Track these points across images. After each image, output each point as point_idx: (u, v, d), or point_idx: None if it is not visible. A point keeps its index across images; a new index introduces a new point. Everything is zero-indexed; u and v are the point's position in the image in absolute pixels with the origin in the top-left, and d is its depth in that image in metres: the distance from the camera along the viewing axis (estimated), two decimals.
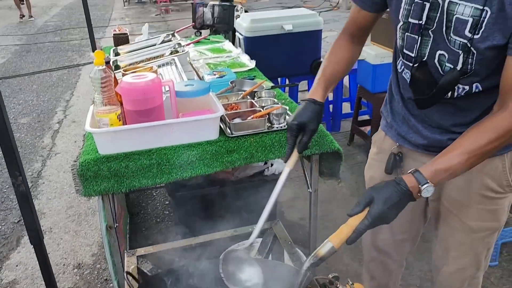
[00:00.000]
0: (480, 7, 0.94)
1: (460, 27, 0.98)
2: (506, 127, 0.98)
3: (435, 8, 1.02)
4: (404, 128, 1.27)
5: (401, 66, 1.21)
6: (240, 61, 2.62)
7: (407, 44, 1.12)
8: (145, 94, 1.52)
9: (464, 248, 1.29)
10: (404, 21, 1.10)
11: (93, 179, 1.51)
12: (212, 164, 1.62)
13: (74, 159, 3.55)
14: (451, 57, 1.03)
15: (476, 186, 1.20)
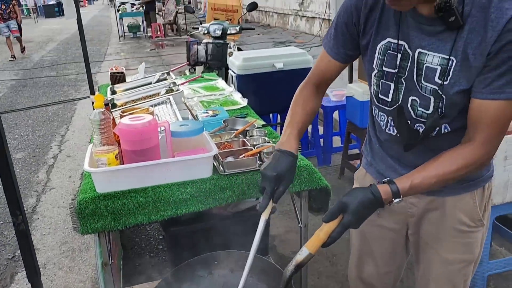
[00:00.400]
0: (446, 57, 1.05)
1: (430, 75, 1.09)
2: (473, 158, 1.09)
3: (406, 58, 1.13)
4: (383, 166, 1.36)
5: (375, 110, 1.30)
6: (233, 99, 2.73)
7: (382, 90, 1.21)
8: (142, 135, 1.59)
9: (442, 280, 1.35)
10: (378, 70, 1.20)
11: (91, 217, 1.56)
12: (206, 201, 1.68)
13: (68, 194, 3.59)
14: (423, 102, 1.13)
15: (451, 221, 1.28)
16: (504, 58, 0.98)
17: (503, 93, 1.01)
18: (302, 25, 12.62)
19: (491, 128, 1.06)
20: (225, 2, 7.78)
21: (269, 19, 15.45)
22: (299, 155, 1.84)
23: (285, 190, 1.24)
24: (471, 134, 1.10)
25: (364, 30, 1.20)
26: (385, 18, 1.15)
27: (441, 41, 1.06)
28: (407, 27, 1.11)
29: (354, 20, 1.21)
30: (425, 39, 1.08)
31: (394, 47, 1.14)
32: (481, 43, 1.00)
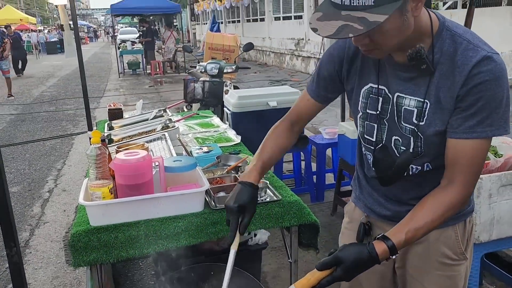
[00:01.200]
0: (421, 100, 1.13)
1: (408, 116, 1.17)
2: (457, 199, 1.14)
3: (387, 101, 1.22)
4: (370, 201, 1.41)
5: (365, 149, 1.38)
6: (227, 136, 2.80)
7: (367, 131, 1.29)
8: (136, 170, 1.65)
9: None
10: (363, 112, 1.28)
11: (83, 250, 1.59)
12: (197, 235, 1.72)
13: (62, 228, 3.59)
14: (404, 141, 1.21)
15: (435, 254, 1.32)
16: (472, 100, 1.06)
17: (475, 133, 1.08)
18: (298, 64, 12.95)
19: (469, 168, 1.12)
20: (222, 42, 8.03)
21: (266, 58, 15.84)
22: (288, 191, 1.90)
23: (249, 221, 1.30)
24: (450, 175, 1.15)
25: (347, 77, 1.30)
26: (366, 65, 1.25)
27: (416, 85, 1.15)
28: (386, 73, 1.20)
29: (337, 68, 1.31)
30: (402, 84, 1.17)
31: (375, 92, 1.23)
32: (450, 87, 1.09)
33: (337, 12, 0.99)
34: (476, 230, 2.07)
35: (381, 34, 1.03)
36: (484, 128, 1.08)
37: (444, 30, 1.12)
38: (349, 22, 0.96)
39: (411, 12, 1.03)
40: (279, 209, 1.80)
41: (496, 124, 1.08)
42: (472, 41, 1.09)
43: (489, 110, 1.07)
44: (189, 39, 26.26)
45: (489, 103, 1.06)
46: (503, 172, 2.05)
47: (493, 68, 1.05)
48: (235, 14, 19.91)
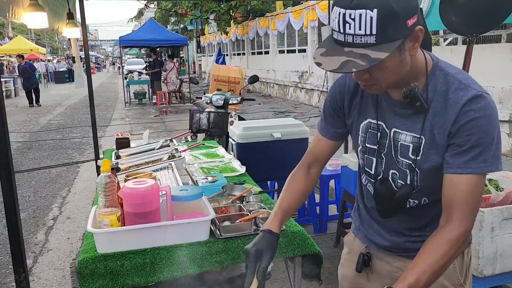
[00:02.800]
0: (417, 136, 1.18)
1: (405, 151, 1.22)
2: (456, 237, 1.14)
3: (384, 136, 1.27)
4: (370, 231, 1.44)
5: (365, 180, 1.42)
6: (232, 166, 2.85)
7: (367, 164, 1.34)
8: (144, 199, 1.69)
9: None
10: (362, 146, 1.34)
11: (90, 277, 1.61)
12: (202, 264, 1.74)
13: (66, 256, 3.60)
14: (401, 175, 1.25)
15: (434, 286, 1.33)
16: (465, 136, 1.11)
17: (470, 168, 1.12)
18: (302, 96, 13.12)
19: (465, 203, 1.13)
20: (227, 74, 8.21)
21: (270, 90, 16.07)
22: (292, 221, 1.93)
23: (267, 267, 1.30)
24: (447, 213, 1.16)
25: (348, 112, 1.36)
26: (365, 101, 1.31)
27: (412, 121, 1.20)
28: (383, 109, 1.26)
29: (339, 104, 1.37)
30: (398, 120, 1.23)
31: (374, 127, 1.29)
32: (443, 124, 1.14)
33: (340, 48, 1.05)
34: (480, 264, 2.08)
35: (380, 70, 1.09)
36: (478, 164, 1.11)
37: (437, 70, 1.18)
38: (352, 58, 1.02)
39: (408, 51, 1.09)
40: (283, 239, 1.83)
41: (490, 160, 1.12)
42: (464, 81, 1.15)
43: (482, 147, 1.11)
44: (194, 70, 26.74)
45: (482, 139, 1.11)
46: (505, 206, 2.07)
47: (484, 106, 1.11)
48: (240, 47, 20.34)
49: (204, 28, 24.72)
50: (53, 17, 2.96)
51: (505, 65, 5.73)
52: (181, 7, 18.27)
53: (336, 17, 1.04)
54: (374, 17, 0.99)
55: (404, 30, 1.04)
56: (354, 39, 1.02)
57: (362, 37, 1.01)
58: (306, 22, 11.94)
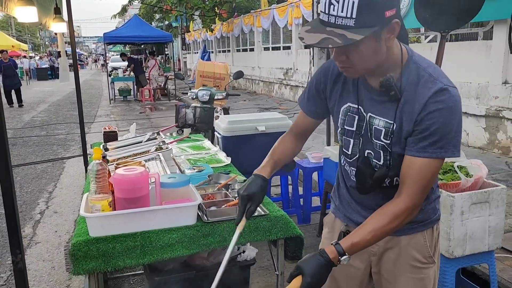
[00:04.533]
0: (390, 121, 1.32)
1: (378, 134, 1.35)
2: (401, 210, 1.29)
3: (362, 119, 1.39)
4: (349, 210, 1.56)
5: (344, 161, 1.54)
6: (218, 158, 2.95)
7: (345, 145, 1.47)
8: (134, 185, 1.78)
9: None
10: (341, 128, 1.46)
11: (83, 259, 1.70)
12: (190, 246, 1.84)
13: (54, 248, 3.65)
14: (376, 155, 1.39)
15: (406, 258, 1.47)
16: (427, 124, 1.24)
17: (426, 152, 1.25)
18: (286, 93, 13.26)
19: (415, 182, 1.28)
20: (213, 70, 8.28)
21: (255, 87, 16.17)
22: (275, 207, 2.04)
23: (256, 208, 1.50)
24: (400, 189, 1.31)
25: (330, 96, 1.49)
26: (347, 87, 1.44)
27: (386, 108, 1.33)
28: (362, 95, 1.39)
29: (322, 86, 1.50)
30: (374, 106, 1.36)
31: (353, 110, 1.41)
32: (411, 112, 1.27)
33: (322, 27, 1.18)
34: (450, 246, 2.22)
35: (356, 54, 1.21)
36: (434, 149, 1.25)
37: (411, 62, 1.30)
38: (331, 36, 1.15)
39: (384, 41, 1.22)
40: (266, 223, 1.94)
41: (446, 147, 1.25)
42: (433, 75, 1.27)
43: (440, 135, 1.23)
44: (180, 67, 26.68)
45: (441, 129, 1.23)
46: (474, 191, 2.22)
47: (447, 98, 1.23)
48: (226, 44, 20.38)
49: (189, 25, 24.68)
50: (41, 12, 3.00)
51: (481, 62, 5.93)
52: (165, 4, 18.22)
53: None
54: (355, 2, 1.11)
55: (382, 19, 1.16)
56: (336, 20, 1.15)
57: (343, 19, 1.13)
58: (291, 20, 12.06)
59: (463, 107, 1.32)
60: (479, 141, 6.10)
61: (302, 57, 12.10)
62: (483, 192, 2.22)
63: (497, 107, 5.75)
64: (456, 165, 2.26)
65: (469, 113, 6.11)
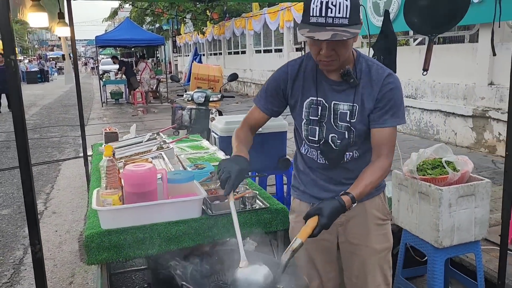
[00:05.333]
0: (352, 104, 1.63)
1: (343, 117, 1.65)
2: (385, 166, 1.63)
3: (324, 109, 1.67)
4: (315, 190, 1.78)
5: (306, 149, 1.76)
6: (217, 156, 3.06)
7: (311, 133, 1.70)
8: (143, 180, 1.89)
9: (375, 268, 1.79)
10: (306, 119, 1.69)
11: (96, 250, 1.79)
12: (196, 238, 1.94)
13: (55, 247, 3.72)
14: (339, 136, 1.67)
15: (371, 218, 1.76)
16: (386, 101, 1.59)
17: (389, 123, 1.61)
18: None
19: (388, 145, 1.63)
20: (207, 73, 8.39)
21: (247, 89, 16.30)
22: (275, 201, 2.16)
23: (240, 182, 1.67)
24: (377, 152, 1.64)
25: (291, 93, 1.72)
26: (307, 84, 1.68)
27: (346, 94, 1.63)
28: (323, 88, 1.66)
29: (282, 87, 1.73)
30: (336, 95, 1.65)
31: (315, 102, 1.67)
32: (370, 94, 1.61)
33: (322, 28, 1.42)
34: (439, 236, 2.35)
35: (344, 47, 1.50)
36: (394, 119, 1.61)
37: (360, 57, 1.65)
38: (337, 32, 1.41)
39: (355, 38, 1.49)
40: (267, 215, 2.05)
41: (401, 116, 1.62)
42: (379, 65, 1.65)
43: (395, 108, 1.60)
44: (171, 70, 26.72)
45: (395, 103, 1.60)
46: (461, 185, 2.36)
47: (395, 80, 1.61)
48: (217, 47, 20.50)
49: (180, 28, 24.74)
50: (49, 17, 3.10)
51: (468, 64, 6.13)
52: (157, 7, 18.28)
53: (317, 5, 1.41)
54: (348, 5, 1.41)
55: (359, 19, 1.47)
56: (333, 20, 1.41)
57: (340, 19, 1.41)
58: (282, 23, 12.22)
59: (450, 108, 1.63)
60: (467, 140, 6.29)
61: None
62: (469, 185, 2.36)
63: (484, 108, 5.94)
64: (444, 160, 2.40)
65: (457, 114, 6.30)
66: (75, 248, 3.73)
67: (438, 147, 2.49)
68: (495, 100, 5.76)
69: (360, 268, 1.81)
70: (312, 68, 1.68)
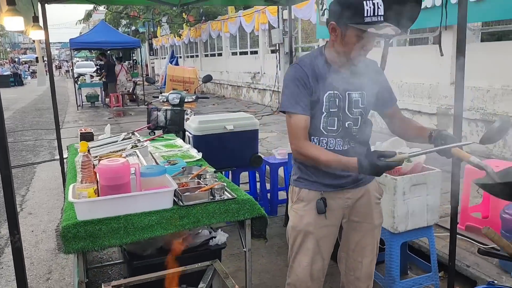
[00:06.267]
0: (361, 92, 1.88)
1: (357, 103, 1.88)
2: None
3: (341, 100, 1.86)
4: (326, 178, 1.91)
5: (324, 140, 1.89)
6: (190, 154, 3.20)
7: (330, 124, 1.87)
8: (117, 173, 2.02)
9: (372, 241, 2.06)
10: (327, 112, 1.85)
11: (72, 239, 1.91)
12: (167, 227, 2.08)
13: (31, 246, 3.79)
14: (354, 122, 1.89)
15: (373, 199, 2.01)
16: (385, 83, 1.97)
17: (395, 99, 2.01)
18: (255, 96, 13.59)
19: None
20: (182, 74, 8.50)
21: (224, 91, 16.43)
22: (242, 192, 2.32)
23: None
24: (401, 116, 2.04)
25: (315, 90, 1.85)
26: (323, 80, 1.84)
27: (355, 85, 1.86)
28: (337, 81, 1.84)
29: (308, 86, 1.83)
30: (348, 86, 1.85)
31: (333, 95, 1.85)
32: (371, 81, 1.87)
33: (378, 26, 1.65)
34: (395, 222, 2.56)
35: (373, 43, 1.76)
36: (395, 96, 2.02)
37: None
38: (392, 27, 1.66)
39: None
40: (235, 205, 2.21)
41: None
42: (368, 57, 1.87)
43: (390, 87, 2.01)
44: (147, 73, 26.59)
45: (389, 84, 1.99)
46: (414, 174, 2.57)
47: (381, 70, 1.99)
48: (194, 49, 20.56)
49: (156, 30, 24.68)
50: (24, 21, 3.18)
51: (432, 64, 6.43)
52: (132, 10, 18.23)
53: (370, 6, 1.63)
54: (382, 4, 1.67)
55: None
56: (381, 17, 1.66)
57: (382, 16, 1.66)
58: (257, 25, 12.41)
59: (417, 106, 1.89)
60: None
61: (269, 61, 12.47)
62: (421, 175, 2.58)
63: (447, 106, 6.25)
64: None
65: (422, 112, 6.60)
66: (52, 247, 3.80)
67: (394, 140, 2.70)
68: None
69: (358, 242, 2.05)
70: (323, 64, 1.84)
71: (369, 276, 2.12)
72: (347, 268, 2.13)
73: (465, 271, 2.95)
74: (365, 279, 2.11)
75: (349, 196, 1.97)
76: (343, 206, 1.98)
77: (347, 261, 2.11)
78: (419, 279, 2.76)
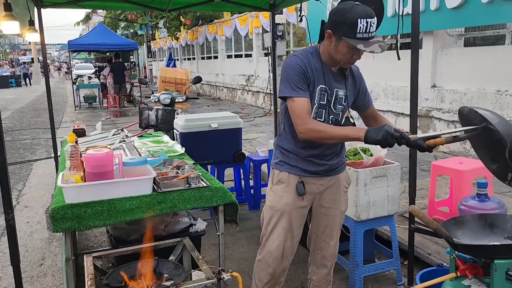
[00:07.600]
0: (345, 91, 2.13)
1: (341, 101, 2.14)
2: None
3: (329, 95, 2.10)
4: (305, 164, 2.16)
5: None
6: (174, 149, 3.44)
7: (318, 115, 2.09)
8: (102, 161, 2.26)
9: (338, 225, 2.35)
10: (317, 103, 2.08)
11: (60, 220, 2.14)
12: (147, 211, 2.32)
13: (27, 236, 4.02)
14: (336, 117, 2.14)
15: (341, 187, 2.27)
16: (363, 87, 2.24)
17: (371, 101, 2.29)
18: (249, 98, 13.84)
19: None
20: (174, 76, 8.75)
21: (219, 93, 16.69)
22: (216, 181, 2.56)
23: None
24: (378, 116, 2.28)
25: (310, 81, 2.05)
26: (317, 74, 2.06)
27: (342, 84, 2.12)
28: (329, 78, 2.08)
29: (307, 75, 2.04)
30: (336, 84, 2.11)
31: (323, 89, 2.08)
32: (352, 83, 2.17)
33: (367, 42, 1.87)
34: (357, 211, 2.80)
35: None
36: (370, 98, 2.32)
37: None
38: (379, 43, 1.87)
39: None
40: (208, 192, 2.44)
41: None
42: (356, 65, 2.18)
43: (368, 91, 2.30)
44: (145, 75, 26.86)
45: (367, 88, 2.30)
46: (374, 167, 2.81)
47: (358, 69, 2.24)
48: (191, 52, 20.83)
49: (155, 33, 24.96)
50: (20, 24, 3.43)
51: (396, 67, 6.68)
52: (130, 13, 18.50)
53: (363, 24, 1.83)
54: (376, 22, 1.89)
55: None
56: (371, 34, 1.88)
57: (373, 32, 1.89)
58: (251, 29, 12.68)
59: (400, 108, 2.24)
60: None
61: (262, 64, 12.73)
62: (382, 168, 2.82)
63: (428, 108, 6.50)
64: (359, 148, 2.86)
65: (404, 114, 6.85)
66: (45, 236, 4.03)
67: None
68: (437, 101, 6.33)
69: (327, 225, 2.33)
70: (317, 62, 2.06)
71: (334, 255, 2.42)
72: (315, 247, 2.41)
73: (427, 259, 3.19)
74: (331, 258, 2.41)
75: (322, 183, 2.22)
76: (316, 191, 2.23)
77: (316, 241, 2.39)
78: (381, 264, 3.01)
